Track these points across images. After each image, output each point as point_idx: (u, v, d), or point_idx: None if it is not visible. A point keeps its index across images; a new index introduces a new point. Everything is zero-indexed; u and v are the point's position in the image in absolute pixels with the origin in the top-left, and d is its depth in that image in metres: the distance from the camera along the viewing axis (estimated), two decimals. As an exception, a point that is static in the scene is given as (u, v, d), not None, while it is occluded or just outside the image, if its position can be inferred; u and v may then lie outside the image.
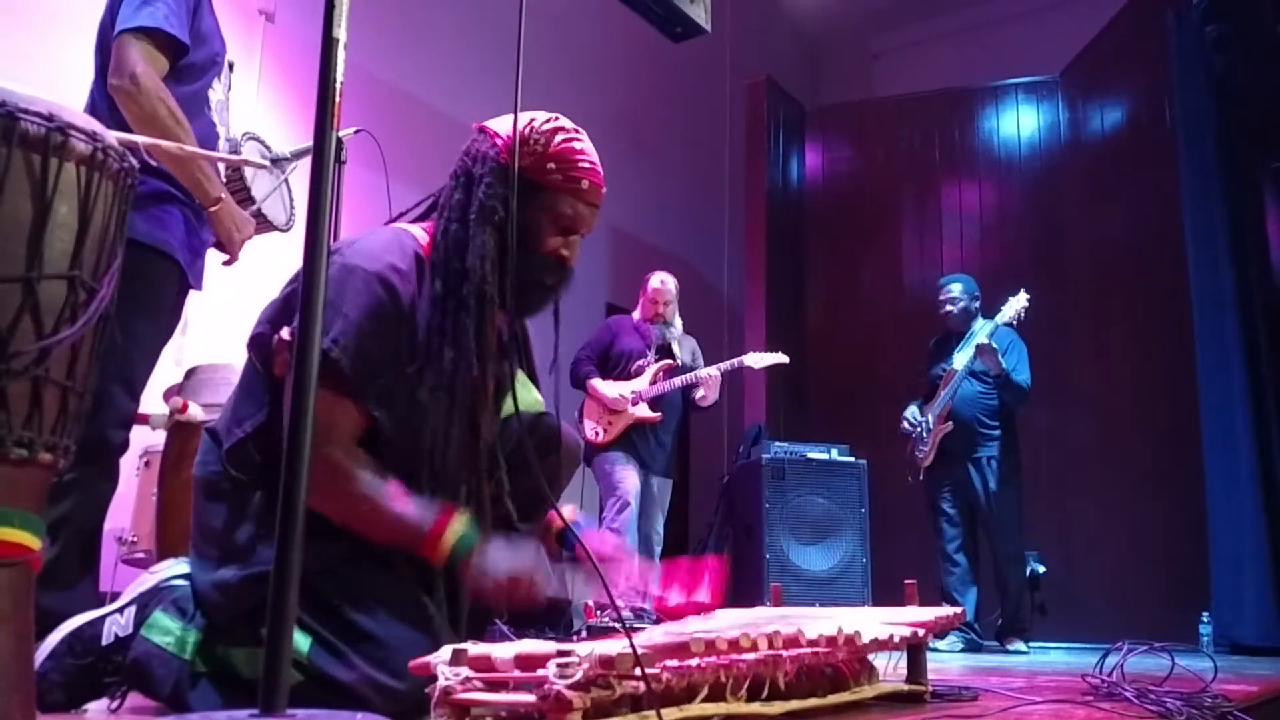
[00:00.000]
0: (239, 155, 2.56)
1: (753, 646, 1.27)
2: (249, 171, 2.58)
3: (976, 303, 5.08)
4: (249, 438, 1.55)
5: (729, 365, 5.00)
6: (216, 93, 2.44)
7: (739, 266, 7.54)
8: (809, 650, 1.42)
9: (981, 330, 4.87)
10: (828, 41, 9.67)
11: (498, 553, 1.51)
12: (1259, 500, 4.56)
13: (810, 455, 5.26)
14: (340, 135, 2.61)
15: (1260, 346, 4.73)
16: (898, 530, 5.64)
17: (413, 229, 1.70)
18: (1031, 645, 4.85)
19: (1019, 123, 7.13)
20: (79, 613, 1.59)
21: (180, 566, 1.64)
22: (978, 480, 4.89)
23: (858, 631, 1.49)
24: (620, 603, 1.50)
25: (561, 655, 1.06)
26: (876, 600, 4.91)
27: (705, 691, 1.24)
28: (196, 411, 2.68)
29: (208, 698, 1.45)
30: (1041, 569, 5.11)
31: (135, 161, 1.11)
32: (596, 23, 6.92)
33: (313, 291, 1.07)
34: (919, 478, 5.08)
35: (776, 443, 5.37)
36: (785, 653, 1.36)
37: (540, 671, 1.06)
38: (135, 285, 1.77)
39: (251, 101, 4.71)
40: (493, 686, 1.13)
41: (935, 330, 5.35)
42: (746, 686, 1.32)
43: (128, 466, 2.46)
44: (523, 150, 1.66)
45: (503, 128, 1.70)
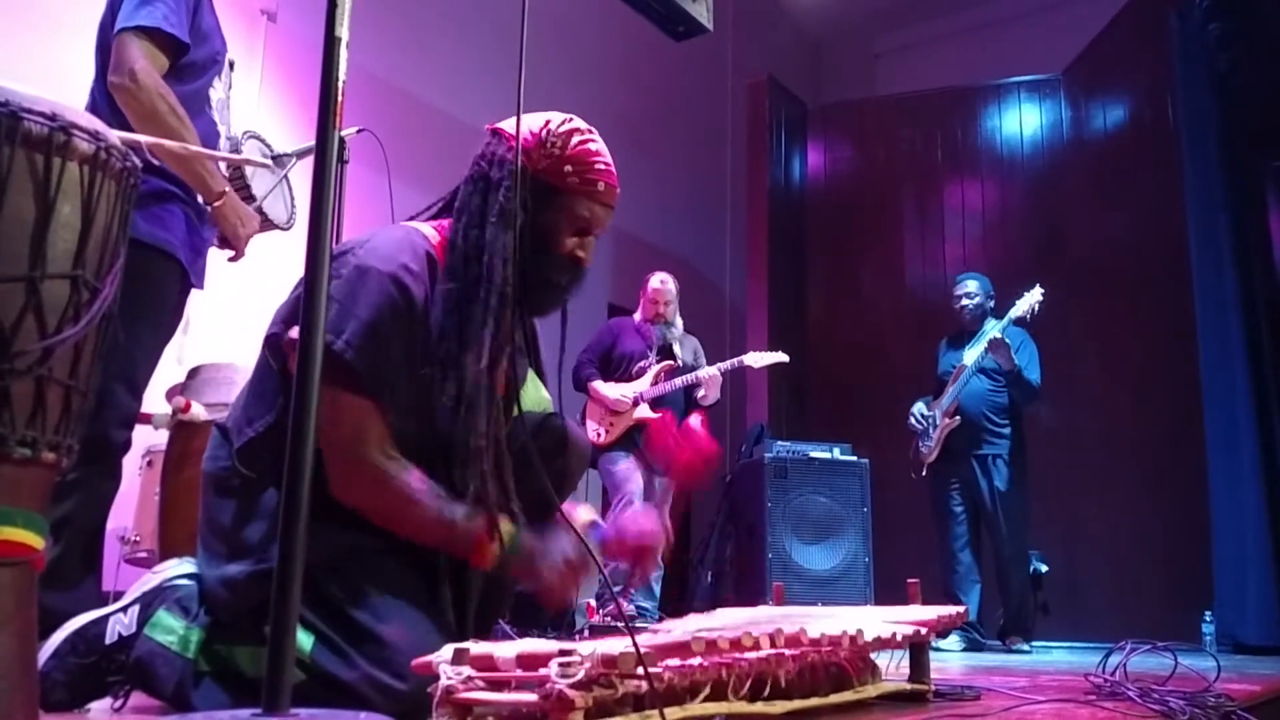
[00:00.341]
0: (239, 153, 2.56)
1: (755, 645, 1.27)
2: (250, 170, 2.58)
3: (991, 302, 5.08)
4: (259, 437, 1.55)
5: (729, 365, 5.01)
6: (217, 91, 2.44)
7: (741, 266, 7.54)
8: (811, 649, 1.42)
9: (994, 327, 4.87)
10: (830, 40, 9.66)
11: (547, 544, 1.57)
12: (1262, 499, 4.55)
13: (812, 454, 5.26)
14: (342, 134, 2.61)
15: (1263, 346, 4.73)
16: (900, 529, 5.64)
17: (424, 228, 1.70)
18: (1034, 644, 4.85)
19: (1021, 122, 7.12)
20: (82, 612, 1.60)
21: (184, 566, 1.64)
22: (984, 478, 4.88)
23: (860, 630, 1.49)
24: (626, 605, 1.52)
25: (563, 654, 1.06)
26: (879, 599, 4.91)
27: (707, 690, 1.24)
28: (199, 411, 2.68)
29: (211, 697, 1.45)
30: (1044, 568, 5.11)
31: (138, 161, 1.11)
32: (598, 22, 6.92)
33: (315, 290, 1.08)
34: (922, 473, 5.08)
35: (779, 442, 5.37)
36: (787, 651, 1.36)
37: (542, 671, 1.06)
38: (137, 285, 1.77)
39: (253, 101, 4.71)
40: (495, 686, 1.13)
41: (938, 329, 5.34)
42: (749, 685, 1.32)
43: (130, 466, 2.46)
44: (540, 153, 1.67)
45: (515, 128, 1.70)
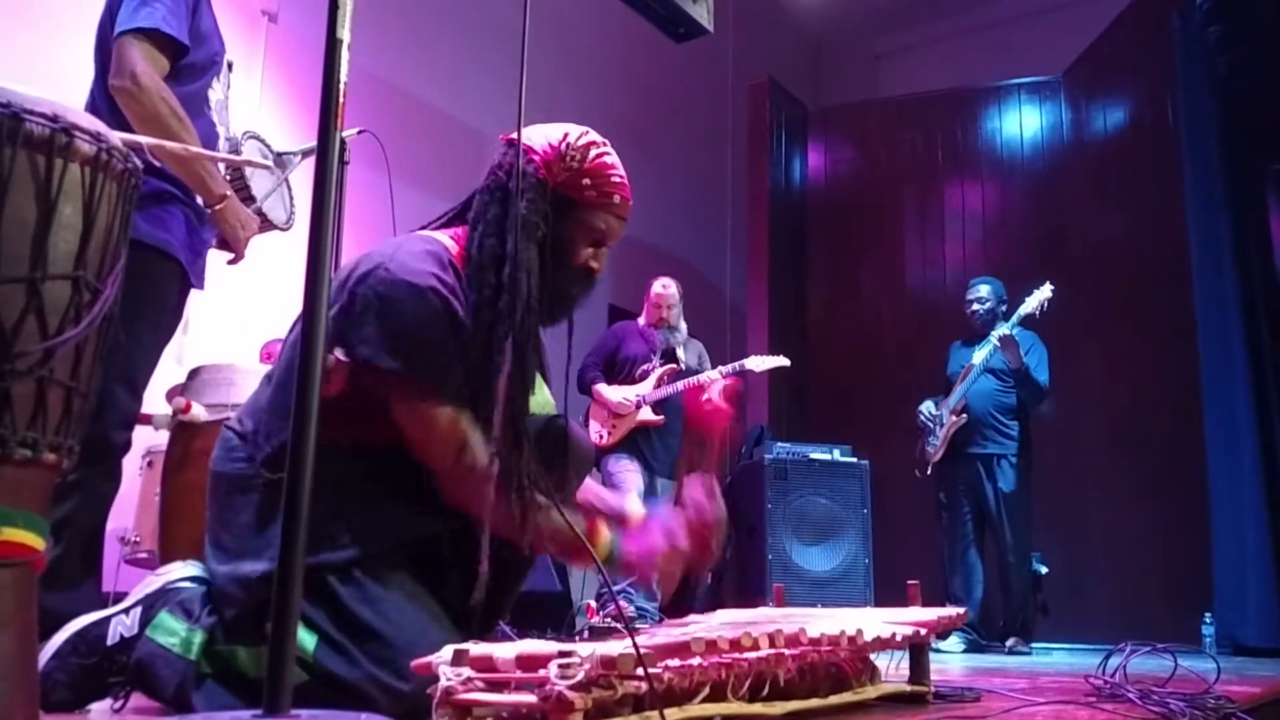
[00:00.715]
0: (239, 154, 2.57)
1: (754, 645, 1.27)
2: (249, 170, 2.58)
3: (1003, 306, 5.08)
4: (277, 453, 1.55)
5: (731, 368, 5.03)
6: (216, 92, 2.45)
7: (741, 267, 7.53)
8: (811, 649, 1.43)
9: (1001, 326, 4.87)
10: (830, 42, 9.66)
11: (644, 531, 1.66)
12: (1262, 501, 4.55)
13: (812, 456, 5.26)
14: (343, 136, 2.61)
15: (1263, 348, 4.72)
16: (900, 531, 5.64)
17: (441, 237, 1.70)
18: (1034, 646, 4.85)
19: (1022, 123, 7.12)
20: (82, 613, 1.60)
21: (187, 569, 1.64)
22: (988, 479, 4.89)
23: (860, 630, 1.49)
24: (626, 606, 1.53)
25: (563, 656, 1.06)
26: (879, 601, 4.91)
27: (707, 691, 1.24)
28: (199, 412, 2.68)
29: (212, 698, 1.46)
30: (1044, 569, 5.11)
31: (139, 162, 1.11)
32: (599, 23, 6.92)
33: (316, 290, 1.08)
34: (927, 472, 5.08)
35: (779, 443, 5.37)
36: (787, 651, 1.36)
37: (542, 672, 1.06)
38: (137, 286, 1.77)
39: (254, 102, 4.71)
40: (494, 687, 1.13)
41: (938, 330, 5.34)
42: (748, 686, 1.32)
43: (130, 467, 2.46)
44: (559, 166, 1.68)
45: (536, 142, 1.70)
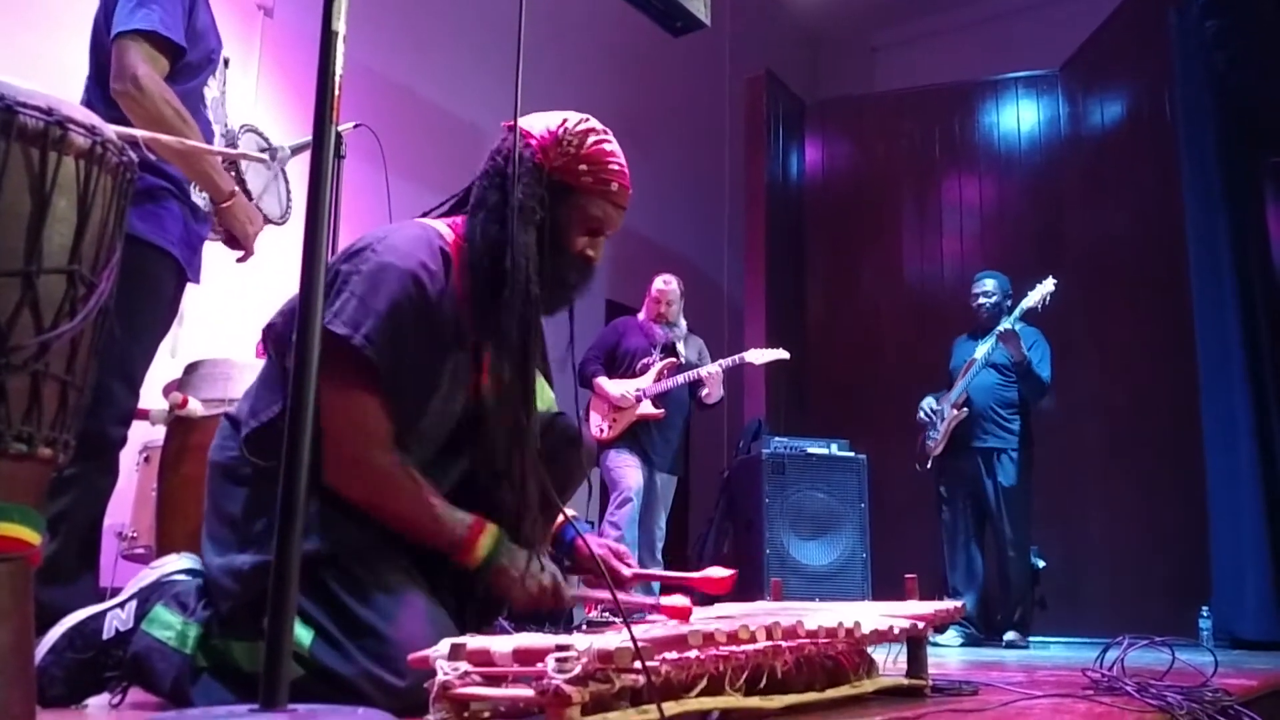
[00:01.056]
0: (236, 148, 2.56)
1: (751, 639, 1.27)
2: (244, 164, 2.58)
3: (1009, 301, 5.08)
4: (264, 427, 1.56)
5: (730, 362, 5.04)
6: (211, 90, 2.44)
7: (739, 262, 7.53)
8: (808, 642, 1.42)
9: (1004, 321, 4.87)
10: (827, 36, 9.65)
11: (530, 561, 1.58)
12: (1259, 495, 4.56)
13: (810, 450, 5.26)
14: (339, 130, 2.61)
15: (1261, 342, 4.73)
16: (898, 525, 5.65)
17: (438, 225, 1.70)
18: (1032, 640, 4.86)
19: (1019, 117, 7.12)
20: (79, 608, 1.60)
21: (182, 562, 1.64)
22: (988, 474, 4.90)
23: (857, 623, 1.49)
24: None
25: (560, 649, 1.06)
26: (876, 595, 4.91)
27: (704, 684, 1.24)
28: (196, 407, 2.67)
29: (208, 692, 1.46)
30: (1042, 563, 5.12)
31: (134, 156, 1.11)
32: (596, 17, 6.91)
33: (311, 285, 1.07)
34: (927, 466, 5.09)
35: (776, 438, 5.37)
36: (784, 644, 1.36)
37: (539, 666, 1.06)
38: (134, 281, 1.78)
39: (250, 97, 4.71)
40: (491, 681, 1.13)
41: (936, 325, 5.35)
42: (745, 679, 1.32)
43: (127, 462, 2.46)
44: (555, 151, 1.67)
45: (535, 127, 1.70)
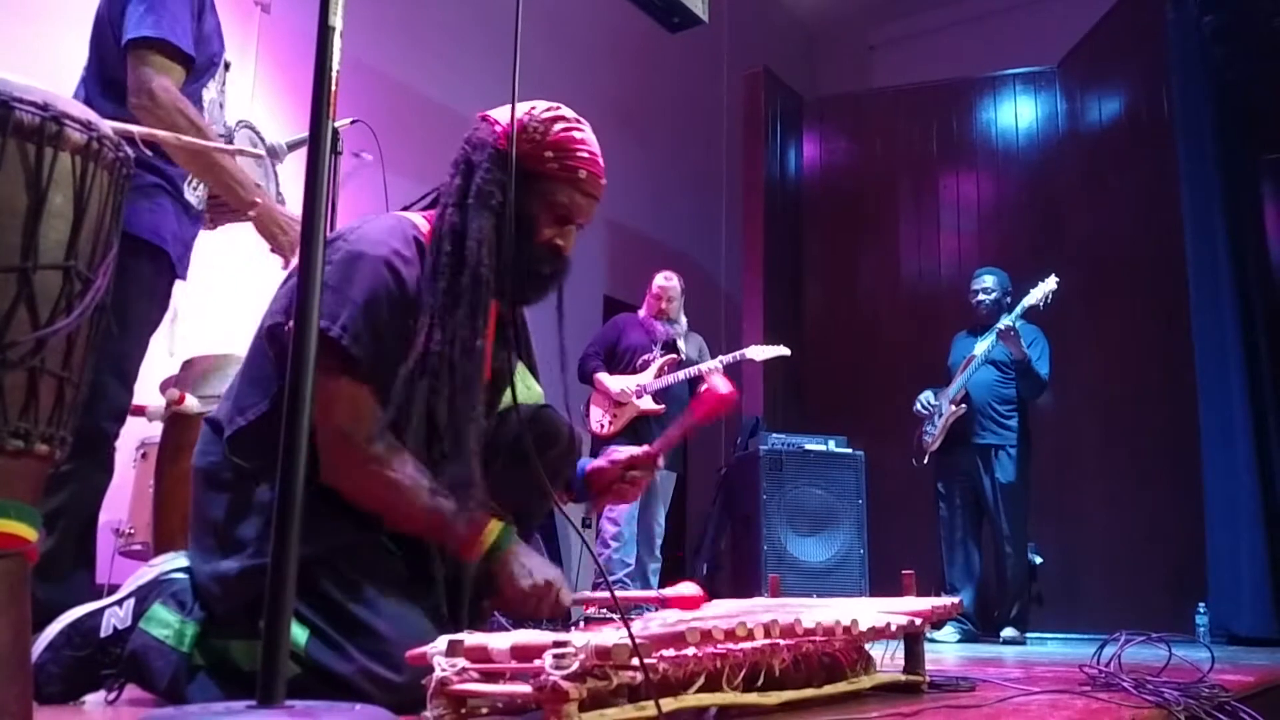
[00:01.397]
0: (232, 142, 2.55)
1: (749, 636, 1.27)
2: (240, 160, 2.57)
3: (1008, 298, 5.08)
4: (251, 426, 1.55)
5: (731, 358, 5.06)
6: (210, 92, 2.44)
7: (736, 258, 7.54)
8: (806, 639, 1.42)
9: (1005, 318, 4.87)
10: (825, 32, 9.65)
11: (531, 559, 1.56)
12: (1256, 491, 4.57)
13: (808, 447, 5.27)
14: (336, 125, 2.60)
15: (1258, 337, 4.74)
16: (895, 521, 5.65)
17: (414, 217, 1.71)
18: (1029, 636, 4.86)
19: (1017, 113, 7.12)
20: (74, 605, 1.59)
21: (180, 560, 1.64)
22: (986, 470, 4.90)
23: (855, 620, 1.49)
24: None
25: (558, 646, 1.06)
26: (874, 591, 4.92)
27: (702, 681, 1.24)
28: (193, 403, 2.67)
29: (205, 690, 1.45)
30: (1039, 559, 5.12)
31: (130, 152, 1.10)
32: (593, 13, 6.90)
33: (309, 280, 1.07)
34: (924, 461, 5.09)
35: (774, 434, 5.37)
36: (782, 641, 1.36)
37: (536, 662, 1.06)
38: (128, 277, 1.77)
39: (248, 94, 4.70)
40: (489, 677, 1.13)
41: (934, 321, 5.35)
42: (744, 676, 1.32)
43: (125, 458, 2.45)
44: (521, 138, 1.65)
45: (503, 115, 1.69)
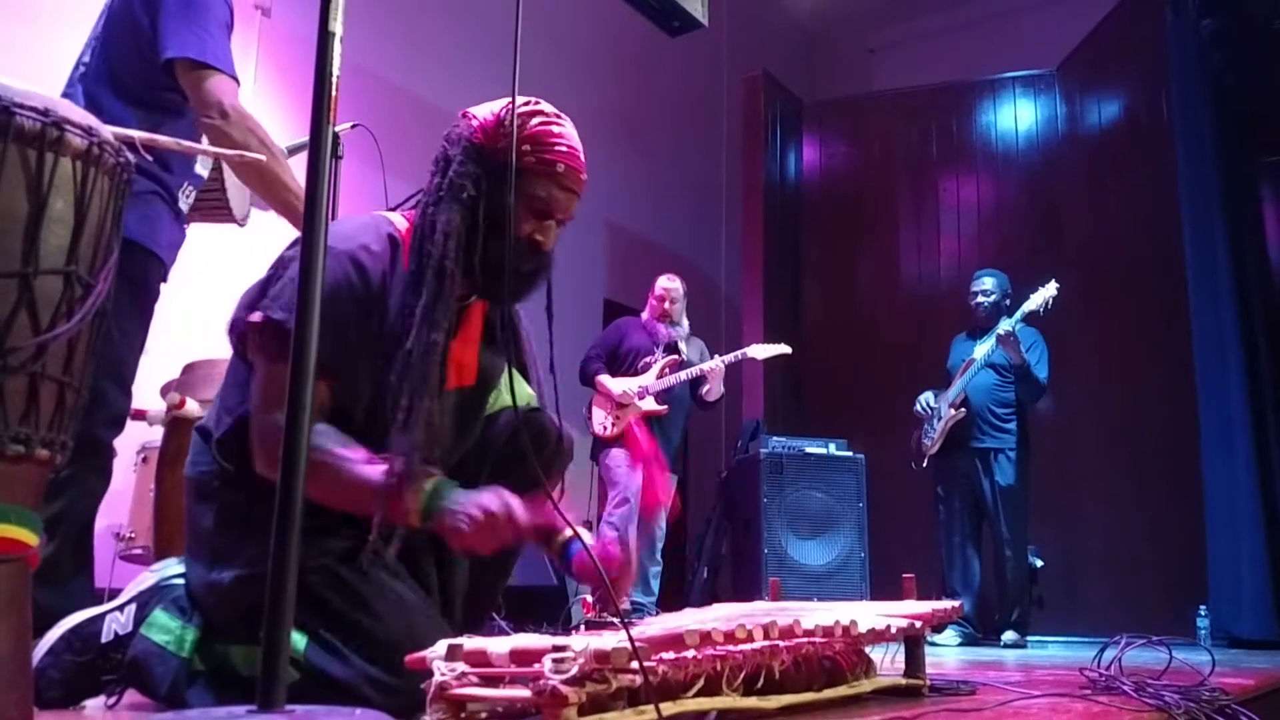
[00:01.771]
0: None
1: (749, 638, 1.27)
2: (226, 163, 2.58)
3: (1008, 300, 5.08)
4: (238, 426, 1.54)
5: (732, 357, 5.07)
6: None
7: (736, 261, 7.54)
8: (806, 642, 1.43)
9: (1004, 323, 4.87)
10: (825, 36, 9.65)
11: (467, 500, 1.45)
12: (1256, 494, 4.56)
13: (808, 450, 5.26)
14: (336, 130, 2.61)
15: (1257, 340, 4.74)
16: (896, 525, 5.65)
17: (393, 216, 1.71)
18: (1030, 639, 4.86)
19: (1016, 117, 7.12)
20: (73, 609, 1.59)
21: (181, 565, 1.64)
22: (985, 473, 4.90)
23: (855, 623, 1.49)
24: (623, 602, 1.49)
25: (557, 650, 1.06)
26: (875, 595, 4.91)
27: (701, 684, 1.24)
28: (193, 407, 2.67)
29: (206, 696, 1.45)
30: (1039, 563, 5.12)
31: (131, 157, 1.11)
32: (593, 17, 6.91)
33: (309, 285, 1.07)
34: (923, 464, 5.09)
35: (774, 437, 5.37)
36: (782, 644, 1.36)
37: (536, 666, 1.06)
38: (126, 283, 1.78)
39: (248, 97, 4.69)
40: (488, 681, 1.13)
41: (934, 324, 5.35)
42: (743, 678, 1.32)
43: (125, 463, 2.46)
44: (497, 132, 1.64)
45: (481, 110, 1.69)
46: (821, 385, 7.18)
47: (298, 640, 1.41)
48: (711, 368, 4.99)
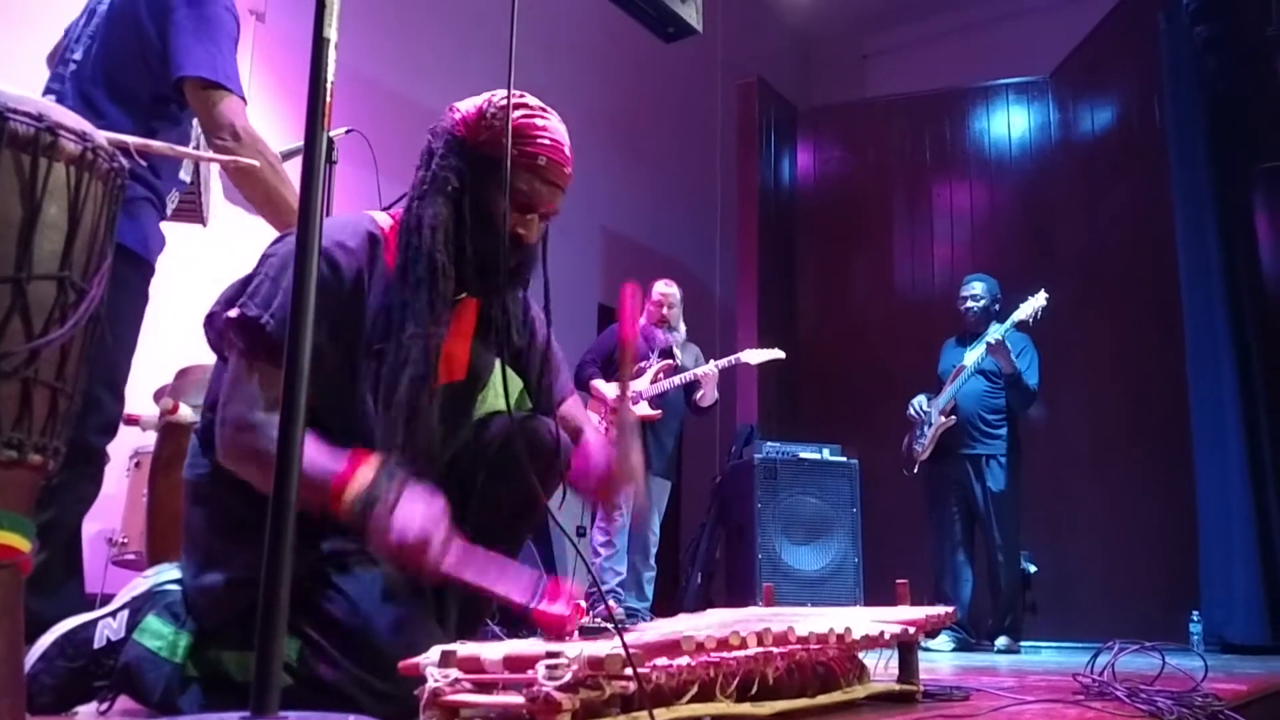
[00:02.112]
0: (200, 148, 2.55)
1: (742, 644, 1.27)
2: (204, 166, 2.58)
3: (997, 305, 5.09)
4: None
5: (726, 362, 5.06)
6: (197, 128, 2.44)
7: (731, 266, 7.55)
8: (799, 648, 1.43)
9: (994, 330, 4.88)
10: (819, 42, 9.68)
11: (407, 509, 1.39)
12: (1249, 499, 4.57)
13: (802, 455, 5.27)
14: (331, 135, 2.61)
15: (1250, 346, 4.75)
16: (890, 530, 5.65)
17: (377, 214, 1.70)
18: (1023, 645, 4.86)
19: (1009, 123, 7.15)
20: (64, 615, 1.59)
21: (174, 571, 1.63)
22: (977, 479, 4.90)
23: (848, 628, 1.49)
24: (615, 608, 1.49)
25: (551, 656, 1.06)
26: (868, 600, 4.92)
27: (695, 690, 1.24)
28: (186, 412, 2.67)
29: (198, 702, 1.45)
30: (1033, 568, 5.13)
31: (124, 163, 1.11)
32: (588, 23, 6.92)
33: (303, 291, 1.07)
34: (914, 471, 5.09)
35: (768, 443, 5.38)
36: (775, 650, 1.36)
37: (529, 672, 1.06)
38: (119, 288, 1.77)
39: (242, 102, 4.70)
40: (481, 688, 1.13)
41: (928, 330, 5.35)
42: (737, 685, 1.32)
43: (118, 468, 2.45)
44: (479, 125, 1.64)
45: (465, 104, 1.69)
46: (816, 390, 7.18)
47: (290, 645, 1.40)
48: (705, 373, 4.99)
